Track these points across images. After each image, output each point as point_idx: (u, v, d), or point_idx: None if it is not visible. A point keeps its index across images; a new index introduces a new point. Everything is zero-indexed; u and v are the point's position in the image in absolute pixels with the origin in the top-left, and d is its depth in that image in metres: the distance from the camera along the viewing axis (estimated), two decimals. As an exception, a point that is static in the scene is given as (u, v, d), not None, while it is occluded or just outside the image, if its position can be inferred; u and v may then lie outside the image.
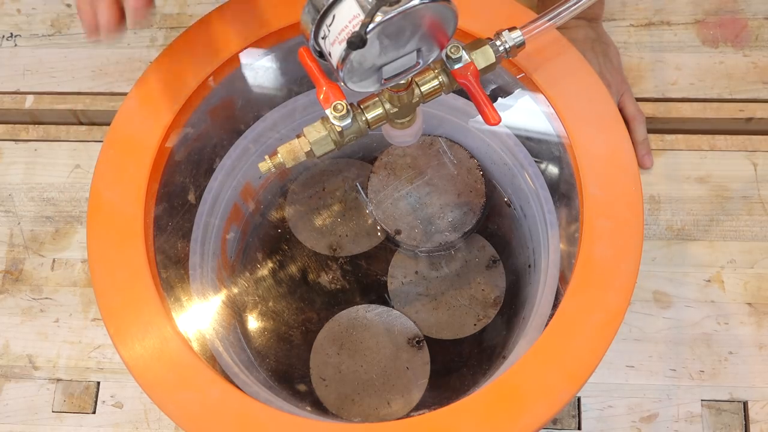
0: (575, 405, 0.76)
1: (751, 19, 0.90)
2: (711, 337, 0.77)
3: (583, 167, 0.58)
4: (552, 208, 0.66)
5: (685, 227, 0.82)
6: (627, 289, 0.55)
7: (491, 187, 0.79)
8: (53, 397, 0.78)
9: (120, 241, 0.57)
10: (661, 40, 0.90)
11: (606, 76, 0.83)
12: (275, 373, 0.75)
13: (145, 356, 0.54)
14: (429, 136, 0.80)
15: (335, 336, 0.77)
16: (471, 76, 0.54)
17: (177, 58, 0.63)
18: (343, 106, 0.52)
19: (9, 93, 0.92)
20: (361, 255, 0.82)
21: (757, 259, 0.80)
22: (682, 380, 0.76)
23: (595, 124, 0.59)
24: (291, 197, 0.83)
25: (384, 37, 0.44)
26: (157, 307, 0.55)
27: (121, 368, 0.78)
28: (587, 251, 0.55)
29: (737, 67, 0.88)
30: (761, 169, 0.84)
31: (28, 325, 0.81)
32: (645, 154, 0.84)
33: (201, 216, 0.70)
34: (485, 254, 0.80)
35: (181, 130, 0.63)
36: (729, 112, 0.86)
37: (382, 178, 0.80)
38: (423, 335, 0.77)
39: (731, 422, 0.75)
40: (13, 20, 0.96)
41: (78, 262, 0.84)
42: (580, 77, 0.61)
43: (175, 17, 0.95)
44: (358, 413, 0.74)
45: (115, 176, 0.59)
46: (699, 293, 0.79)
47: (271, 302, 0.80)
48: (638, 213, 0.57)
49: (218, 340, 0.65)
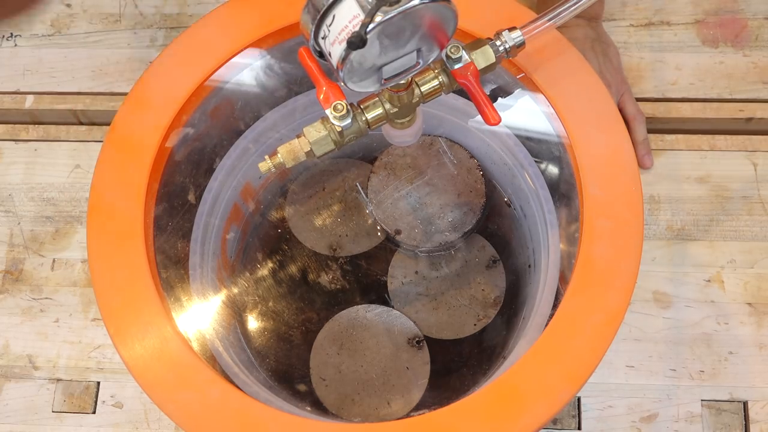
0: (575, 405, 0.76)
1: (751, 19, 0.90)
2: (711, 337, 0.77)
3: (583, 167, 0.58)
4: (552, 208, 0.66)
5: (685, 227, 0.82)
6: (627, 289, 0.55)
7: (491, 187, 0.79)
8: (53, 397, 0.78)
9: (120, 241, 0.57)
10: (661, 40, 0.90)
11: (606, 76, 0.83)
12: (275, 373, 0.75)
13: (145, 356, 0.54)
14: (429, 136, 0.80)
15: (335, 336, 0.77)
16: (471, 76, 0.54)
17: (177, 58, 0.63)
18: (343, 106, 0.52)
19: (9, 93, 0.92)
20: (361, 255, 0.82)
21: (757, 259, 0.80)
22: (682, 380, 0.76)
23: (595, 124, 0.59)
24: (291, 197, 0.83)
25: (384, 37, 0.44)
26: (157, 307, 0.55)
27: (121, 368, 0.78)
28: (587, 251, 0.55)
29: (737, 67, 0.88)
30: (761, 169, 0.84)
31: (28, 325, 0.81)
32: (645, 154, 0.84)
33: (201, 216, 0.70)
34: (485, 254, 0.80)
35: (181, 130, 0.63)
36: (729, 112, 0.86)
37: (382, 178, 0.80)
38: (423, 335, 0.77)
39: (731, 422, 0.75)
40: (13, 20, 0.96)
41: (78, 262, 0.84)
42: (580, 77, 0.61)
43: (175, 17, 0.95)
44: (358, 413, 0.74)
45: (115, 176, 0.59)
46: (699, 293, 0.79)
47: (271, 302, 0.80)
48: (638, 213, 0.57)
49: (218, 340, 0.65)
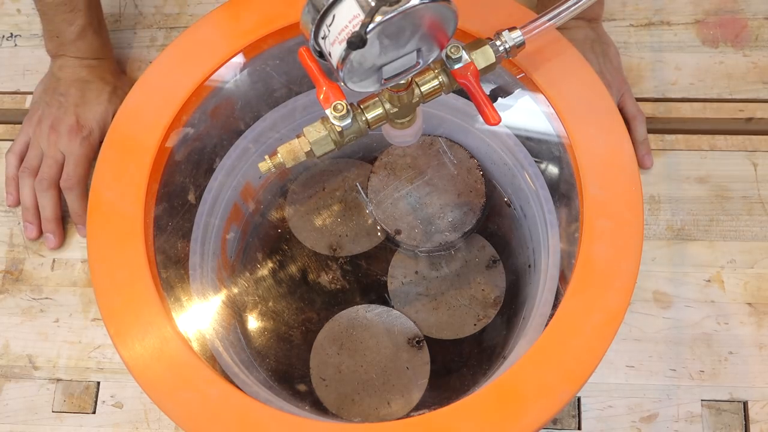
0: (575, 405, 0.76)
1: (751, 19, 0.90)
2: (711, 337, 0.77)
3: (583, 167, 0.58)
4: (552, 208, 0.66)
5: (685, 227, 0.82)
6: (627, 289, 0.55)
7: (491, 187, 0.79)
8: (53, 397, 0.78)
9: (120, 241, 0.57)
10: (661, 40, 0.90)
11: (606, 76, 0.83)
12: (275, 373, 0.75)
13: (145, 356, 0.54)
14: (429, 136, 0.80)
15: (335, 336, 0.77)
16: (471, 76, 0.54)
17: (177, 58, 0.63)
18: (343, 106, 0.52)
19: (9, 93, 0.92)
20: (361, 255, 0.82)
21: (757, 259, 0.80)
22: (682, 380, 0.76)
23: (595, 124, 0.59)
24: (291, 197, 0.83)
25: (384, 37, 0.44)
26: (157, 307, 0.55)
27: (121, 368, 0.78)
28: (587, 251, 0.55)
29: (737, 67, 0.88)
30: (761, 169, 0.84)
31: (28, 325, 0.81)
32: (645, 154, 0.84)
33: (201, 216, 0.70)
34: (485, 254, 0.80)
35: (181, 130, 0.63)
36: (729, 112, 0.86)
37: (382, 178, 0.80)
38: (423, 335, 0.77)
39: (731, 422, 0.75)
40: (13, 20, 0.96)
41: (78, 262, 0.84)
42: (580, 77, 0.61)
43: (175, 17, 0.95)
44: (358, 413, 0.74)
45: (115, 176, 0.59)
46: (699, 293, 0.79)
47: (271, 302, 0.80)
48: (638, 213, 0.57)
49: (218, 340, 0.65)
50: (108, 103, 0.85)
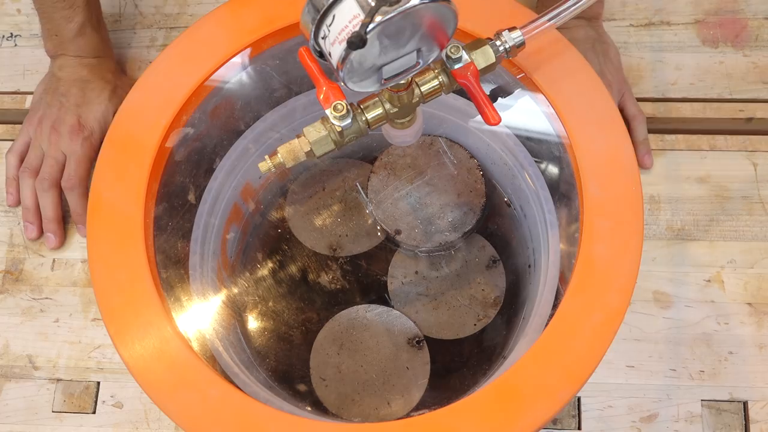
0: (575, 405, 0.76)
1: (751, 19, 0.90)
2: (711, 337, 0.77)
3: (583, 167, 0.58)
4: (552, 208, 0.66)
5: (685, 227, 0.82)
6: (627, 289, 0.55)
7: (491, 187, 0.79)
8: (53, 397, 0.78)
9: (120, 241, 0.57)
10: (661, 40, 0.90)
11: (606, 76, 0.83)
12: (275, 373, 0.75)
13: (145, 356, 0.54)
14: (429, 136, 0.80)
15: (335, 336, 0.77)
16: (471, 76, 0.54)
17: (177, 58, 0.63)
18: (343, 106, 0.52)
19: (9, 93, 0.92)
20: (361, 255, 0.82)
21: (757, 259, 0.80)
22: (682, 380, 0.76)
23: (595, 124, 0.59)
24: (291, 197, 0.83)
25: (384, 37, 0.44)
26: (157, 307, 0.55)
27: (121, 368, 0.78)
28: (587, 251, 0.55)
29: (737, 67, 0.88)
30: (761, 169, 0.84)
31: (28, 325, 0.81)
32: (645, 154, 0.84)
33: (201, 216, 0.70)
34: (485, 254, 0.80)
35: (181, 130, 0.63)
36: (729, 112, 0.86)
37: (382, 178, 0.80)
38: (423, 335, 0.77)
39: (731, 422, 0.75)
40: (13, 20, 0.96)
41: (78, 262, 0.84)
42: (580, 77, 0.61)
43: (175, 17, 0.95)
44: (358, 413, 0.74)
45: (115, 176, 0.59)
46: (699, 293, 0.79)
47: (271, 302, 0.80)
48: (638, 213, 0.57)
49: (218, 340, 0.65)
50: (109, 102, 0.85)
